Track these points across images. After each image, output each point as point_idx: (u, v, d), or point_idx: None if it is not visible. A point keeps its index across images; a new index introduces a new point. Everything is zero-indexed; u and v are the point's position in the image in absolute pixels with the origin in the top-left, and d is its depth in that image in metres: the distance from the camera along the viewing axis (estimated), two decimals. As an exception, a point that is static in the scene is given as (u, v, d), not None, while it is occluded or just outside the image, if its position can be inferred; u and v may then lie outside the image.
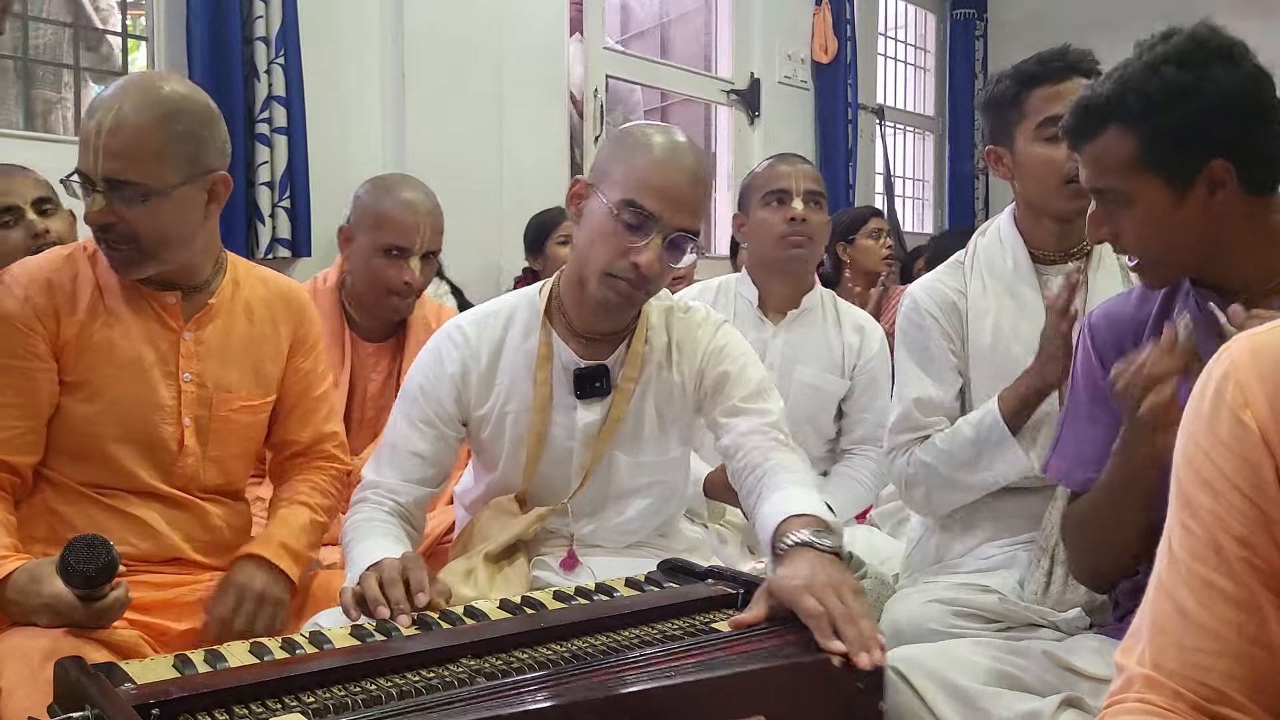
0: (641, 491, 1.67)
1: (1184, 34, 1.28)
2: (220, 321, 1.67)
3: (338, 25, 3.21)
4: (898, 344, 1.88)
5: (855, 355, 2.30)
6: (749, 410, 1.57)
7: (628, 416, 1.62)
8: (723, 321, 1.69)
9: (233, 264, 1.72)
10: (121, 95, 1.50)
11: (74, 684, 1.02)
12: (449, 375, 1.61)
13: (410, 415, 1.61)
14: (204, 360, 1.65)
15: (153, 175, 1.51)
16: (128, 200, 1.50)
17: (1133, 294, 1.47)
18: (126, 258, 1.55)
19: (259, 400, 1.72)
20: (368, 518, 1.54)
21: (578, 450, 1.62)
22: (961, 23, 6.16)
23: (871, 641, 1.13)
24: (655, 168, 1.48)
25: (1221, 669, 0.77)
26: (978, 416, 1.74)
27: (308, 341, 1.78)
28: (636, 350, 1.61)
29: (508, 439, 1.63)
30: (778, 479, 1.46)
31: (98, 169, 1.50)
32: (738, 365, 1.62)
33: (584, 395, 1.60)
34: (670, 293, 1.73)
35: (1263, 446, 0.77)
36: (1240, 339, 0.81)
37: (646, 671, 1.07)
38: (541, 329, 1.61)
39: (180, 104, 1.54)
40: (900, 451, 1.82)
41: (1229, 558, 0.77)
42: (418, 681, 1.05)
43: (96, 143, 1.49)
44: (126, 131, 1.49)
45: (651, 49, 5.08)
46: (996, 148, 1.79)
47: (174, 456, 1.63)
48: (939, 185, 6.34)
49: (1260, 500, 0.77)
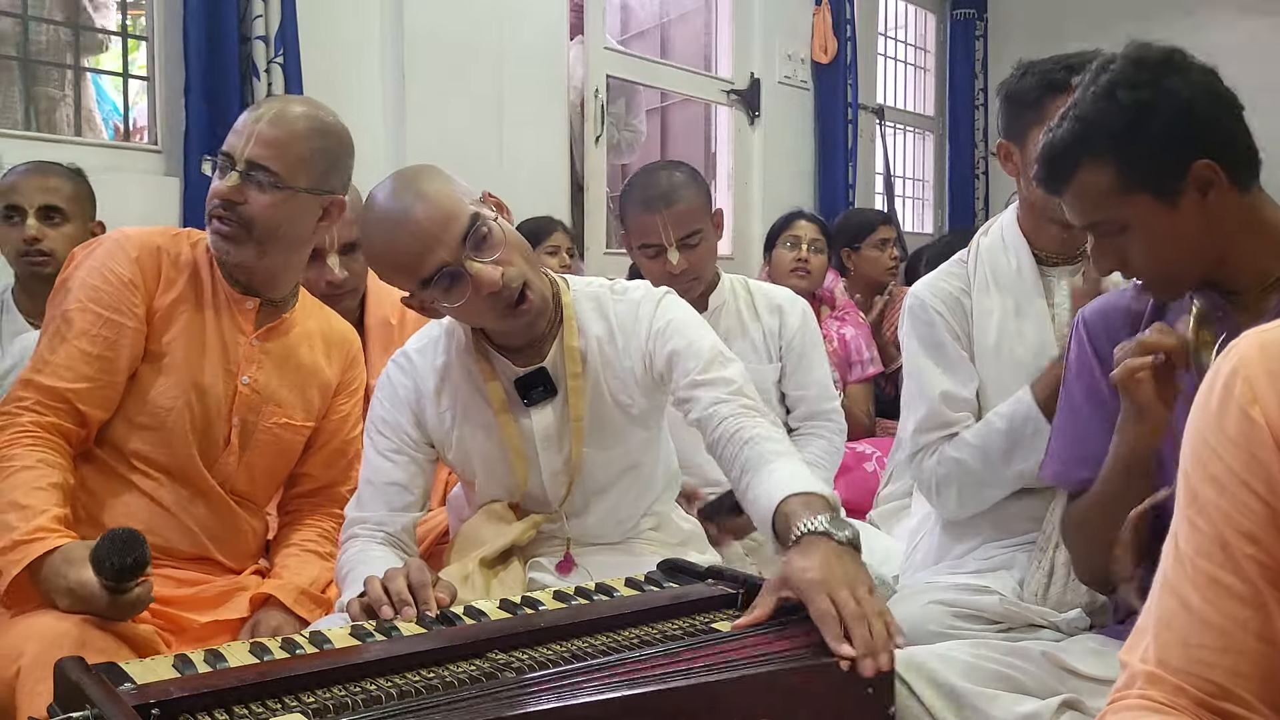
0: (617, 483, 1.66)
1: (1121, 58, 1.29)
2: (286, 339, 1.76)
3: (337, 25, 3.21)
4: (909, 344, 1.84)
5: (777, 337, 2.26)
6: (709, 381, 1.53)
7: (588, 414, 1.60)
8: (663, 294, 1.65)
9: (305, 295, 1.83)
10: (287, 101, 1.70)
11: (74, 684, 1.02)
12: (404, 402, 1.61)
13: (379, 447, 1.60)
14: (263, 369, 1.72)
15: (289, 170, 1.63)
16: (260, 185, 1.62)
17: (1126, 291, 1.46)
18: (234, 235, 1.63)
19: (301, 422, 1.78)
20: (361, 549, 1.53)
21: (544, 455, 1.60)
22: (961, 23, 6.16)
23: (880, 645, 1.11)
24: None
25: (1226, 665, 0.77)
26: (1009, 409, 1.72)
27: (353, 385, 1.86)
28: (571, 344, 1.59)
29: (473, 457, 1.62)
30: (761, 450, 1.42)
31: (245, 151, 1.62)
32: (685, 339, 1.58)
33: (532, 402, 1.59)
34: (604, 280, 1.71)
35: (1271, 442, 0.77)
36: (1249, 335, 0.81)
37: (648, 672, 1.07)
38: (476, 349, 1.60)
39: (333, 126, 1.69)
40: (928, 452, 1.79)
41: (1235, 554, 0.77)
42: (418, 681, 1.05)
43: (253, 128, 1.62)
44: (283, 127, 1.63)
45: (651, 49, 5.08)
46: (1009, 143, 1.77)
47: (219, 451, 1.70)
48: (939, 185, 6.34)
49: (1269, 496, 0.77)
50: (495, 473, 1.63)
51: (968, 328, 1.80)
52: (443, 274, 1.45)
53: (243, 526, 1.74)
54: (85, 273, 1.62)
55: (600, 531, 1.68)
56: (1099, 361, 1.44)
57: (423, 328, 1.71)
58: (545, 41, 3.80)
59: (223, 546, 1.71)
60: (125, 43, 3.25)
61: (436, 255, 1.44)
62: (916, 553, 1.91)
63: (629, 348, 1.61)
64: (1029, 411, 1.69)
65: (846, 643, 1.11)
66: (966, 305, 1.81)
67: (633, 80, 4.53)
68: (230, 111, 2.84)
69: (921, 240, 5.64)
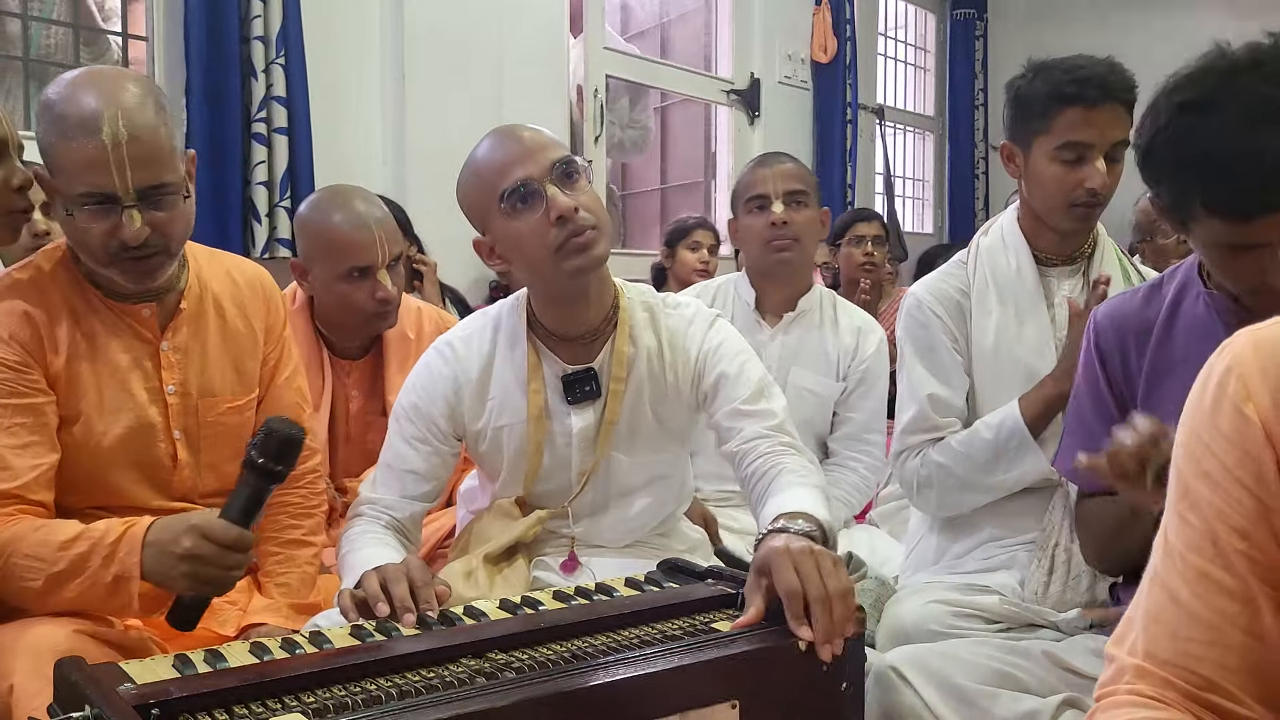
0: (642, 490, 1.67)
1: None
2: (196, 323, 1.61)
3: (337, 25, 3.21)
4: (904, 345, 1.85)
5: (850, 357, 2.30)
6: (753, 413, 1.54)
7: (623, 418, 1.61)
8: (715, 317, 1.66)
9: (193, 256, 1.64)
10: (108, 100, 1.40)
11: (73, 684, 1.02)
12: (441, 393, 1.60)
13: (404, 434, 1.60)
14: (185, 369, 1.60)
15: (175, 171, 1.45)
16: (164, 206, 1.44)
17: (1139, 292, 1.45)
18: (154, 266, 1.48)
19: (243, 400, 1.67)
20: (364, 530, 1.54)
21: (576, 455, 1.61)
22: (961, 23, 6.16)
23: (839, 630, 1.12)
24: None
25: (1213, 658, 0.78)
26: (997, 419, 1.72)
27: (276, 329, 1.73)
28: (621, 350, 1.59)
29: (505, 452, 1.62)
30: (782, 481, 1.44)
31: (128, 183, 1.40)
32: (735, 365, 1.59)
33: (575, 400, 1.59)
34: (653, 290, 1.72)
35: (1264, 439, 0.77)
36: (1243, 334, 0.81)
37: (647, 671, 1.07)
38: (527, 340, 1.60)
39: (155, 89, 1.48)
40: (912, 453, 1.80)
41: (1225, 550, 0.78)
42: (418, 681, 1.05)
43: (119, 156, 1.39)
44: (144, 134, 1.41)
45: (651, 49, 5.08)
46: (1012, 146, 1.76)
47: (169, 472, 1.60)
48: (939, 185, 6.34)
49: (1261, 493, 0.77)
50: (519, 467, 1.63)
51: (966, 329, 1.80)
52: (522, 188, 1.46)
53: None
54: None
55: (612, 536, 1.68)
56: (1103, 365, 1.44)
57: (468, 317, 1.70)
58: (545, 41, 3.81)
59: None
60: (125, 43, 3.25)
61: (524, 168, 1.47)
62: (916, 553, 1.91)
63: (676, 363, 1.62)
64: (1015, 426, 1.69)
65: (806, 624, 1.12)
66: (965, 306, 1.81)
67: (633, 80, 4.53)
68: (229, 112, 2.85)
69: (922, 240, 5.65)
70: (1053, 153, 1.68)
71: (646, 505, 1.68)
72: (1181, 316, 1.38)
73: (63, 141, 1.41)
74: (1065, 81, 1.65)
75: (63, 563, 1.37)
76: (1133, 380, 1.42)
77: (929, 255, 4.51)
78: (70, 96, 1.41)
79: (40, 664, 1.28)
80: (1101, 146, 1.66)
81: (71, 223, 1.45)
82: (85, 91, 1.41)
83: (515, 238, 1.49)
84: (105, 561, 1.36)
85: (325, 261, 2.02)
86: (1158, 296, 1.42)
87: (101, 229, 1.43)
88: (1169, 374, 1.37)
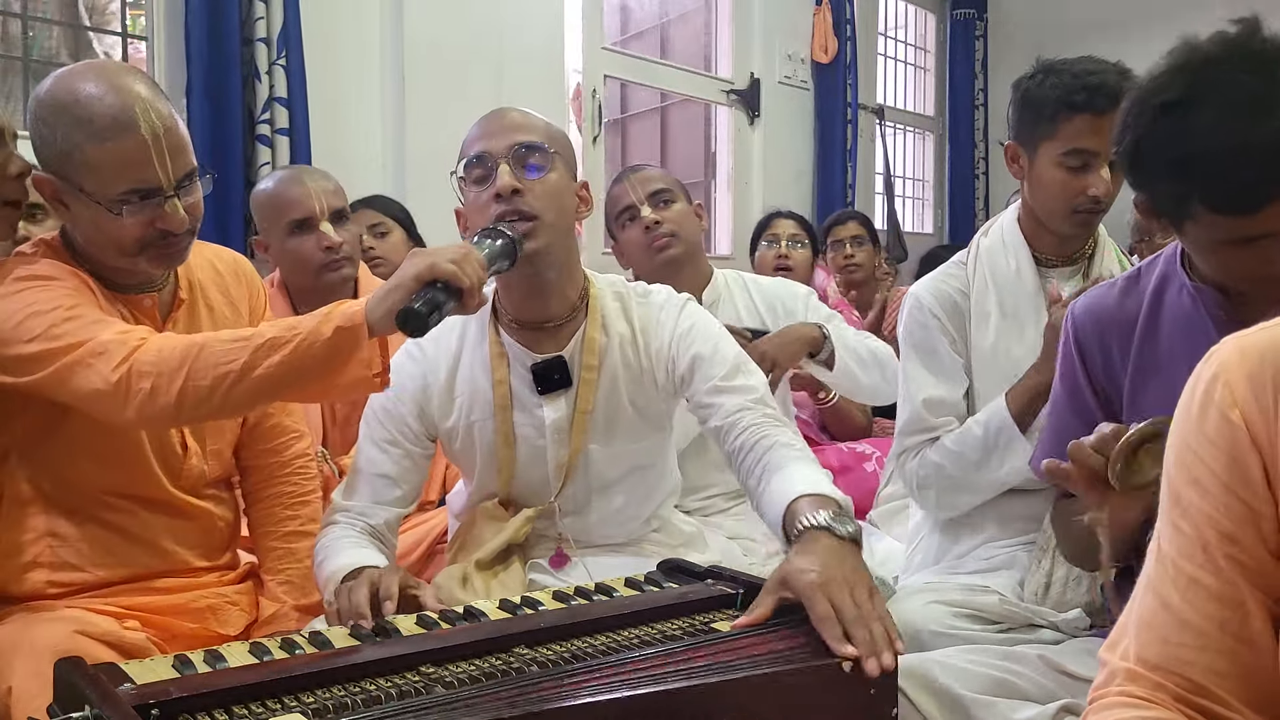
0: (623, 481, 1.66)
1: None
2: (191, 313, 1.63)
3: (338, 28, 3.21)
4: (903, 345, 1.86)
5: (775, 322, 2.25)
6: (731, 388, 1.53)
7: (599, 407, 1.60)
8: (686, 301, 1.65)
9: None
10: (131, 94, 1.40)
11: (73, 684, 1.02)
12: (409, 393, 1.60)
13: (374, 438, 1.60)
14: None
15: (193, 152, 1.48)
16: (193, 191, 1.47)
17: (1116, 284, 1.42)
18: (183, 249, 1.50)
19: None
20: (338, 536, 1.53)
21: (551, 448, 1.60)
22: (961, 23, 6.15)
23: (882, 645, 1.10)
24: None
25: (1204, 663, 0.79)
26: (986, 416, 1.73)
27: (259, 311, 1.74)
28: (593, 337, 1.59)
29: (479, 448, 1.62)
30: (778, 455, 1.41)
31: (169, 174, 1.41)
32: (709, 345, 1.58)
33: (545, 390, 1.58)
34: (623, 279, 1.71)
35: (1250, 444, 0.78)
36: (1229, 340, 0.82)
37: (648, 673, 1.06)
38: (492, 329, 1.60)
39: (149, 78, 1.49)
40: (911, 454, 1.81)
41: (1215, 554, 0.79)
42: (418, 681, 1.05)
43: (159, 148, 1.40)
44: (172, 122, 1.42)
45: (651, 49, 5.08)
46: (1017, 146, 1.76)
47: (180, 460, 1.61)
48: (939, 185, 6.33)
49: (1248, 497, 0.78)
50: (494, 464, 1.62)
51: (965, 330, 1.81)
52: (476, 160, 1.51)
53: (215, 524, 1.67)
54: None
55: (604, 532, 1.68)
56: (1083, 361, 1.42)
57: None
58: (545, 42, 3.80)
59: (202, 553, 1.65)
60: (125, 43, 3.25)
61: (487, 143, 1.51)
62: (916, 553, 1.91)
63: (650, 348, 1.61)
64: (1003, 421, 1.70)
65: (848, 643, 1.09)
66: (964, 307, 1.81)
67: (632, 80, 4.53)
68: (231, 113, 2.85)
69: (922, 240, 5.65)
70: (1059, 158, 1.68)
71: (629, 498, 1.67)
72: (1165, 311, 1.36)
73: (94, 143, 1.39)
74: (1076, 88, 1.64)
75: (266, 335, 1.32)
76: (1116, 378, 1.39)
77: (929, 255, 4.51)
78: (90, 97, 1.40)
79: (40, 664, 1.27)
80: (1107, 154, 1.66)
81: (99, 221, 1.44)
82: (102, 90, 1.40)
83: (469, 210, 1.55)
84: (321, 320, 1.31)
85: (273, 225, 2.17)
86: (1136, 289, 1.39)
87: (141, 222, 1.43)
88: (1155, 372, 1.35)
